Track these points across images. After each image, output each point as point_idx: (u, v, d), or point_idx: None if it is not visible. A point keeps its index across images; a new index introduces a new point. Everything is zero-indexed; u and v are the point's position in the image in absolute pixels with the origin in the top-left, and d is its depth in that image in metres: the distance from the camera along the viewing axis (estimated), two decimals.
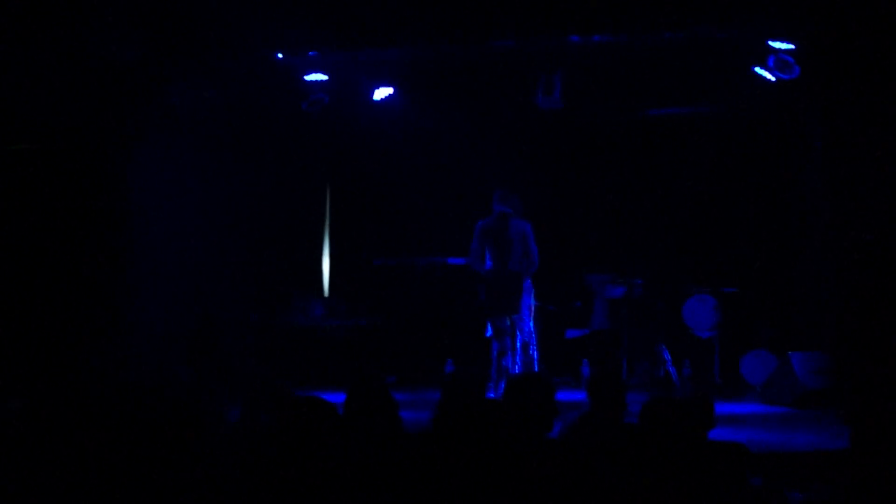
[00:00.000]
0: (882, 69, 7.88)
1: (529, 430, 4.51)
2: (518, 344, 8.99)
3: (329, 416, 2.94)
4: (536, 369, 9.09)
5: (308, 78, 10.27)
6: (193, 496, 3.38)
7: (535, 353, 9.05)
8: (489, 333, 9.14)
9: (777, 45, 9.26)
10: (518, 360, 8.96)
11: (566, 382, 10.81)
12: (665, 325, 10.52)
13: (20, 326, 8.71)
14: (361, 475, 3.38)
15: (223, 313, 10.28)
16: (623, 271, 11.07)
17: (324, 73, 10.24)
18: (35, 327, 8.69)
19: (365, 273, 11.73)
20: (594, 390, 4.87)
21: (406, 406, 4.86)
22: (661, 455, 4.06)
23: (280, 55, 9.08)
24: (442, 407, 4.59)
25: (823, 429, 7.53)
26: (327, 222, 12.14)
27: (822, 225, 9.09)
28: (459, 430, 3.52)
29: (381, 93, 10.78)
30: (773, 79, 9.64)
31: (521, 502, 3.53)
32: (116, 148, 8.97)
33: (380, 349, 11.73)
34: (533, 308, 9.35)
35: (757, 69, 9.67)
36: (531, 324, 9.13)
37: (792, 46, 9.20)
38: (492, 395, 8.71)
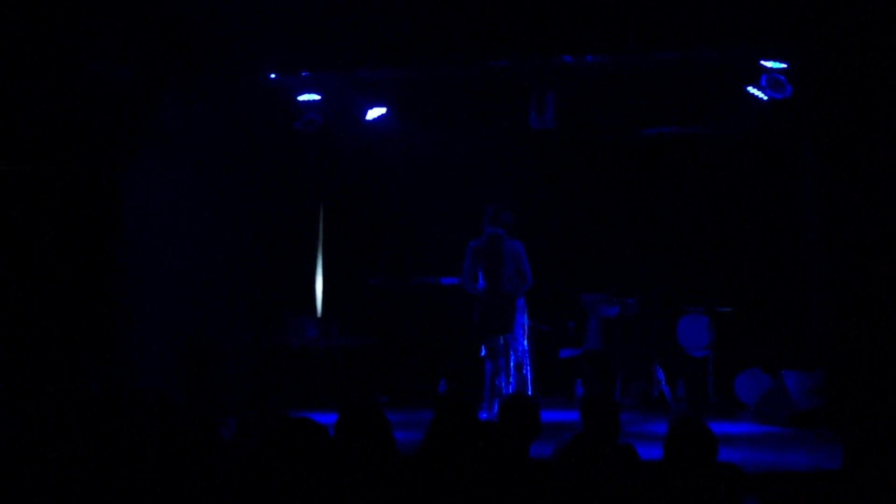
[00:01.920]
0: (874, 87, 7.90)
1: (518, 448, 4.50)
2: (511, 364, 8.97)
3: (319, 438, 2.92)
4: (530, 389, 9.06)
5: (301, 98, 10.28)
6: None
7: (529, 372, 9.03)
8: (483, 353, 9.12)
9: (769, 64, 9.29)
10: (512, 380, 8.94)
11: (559, 402, 10.79)
12: (659, 344, 10.50)
13: (13, 348, 8.67)
14: (352, 497, 3.36)
15: (216, 333, 10.25)
16: (617, 291, 11.06)
17: (317, 93, 10.24)
18: (28, 348, 8.65)
19: (358, 293, 11.71)
20: (587, 410, 4.86)
21: (398, 426, 4.84)
22: (655, 476, 4.05)
23: (273, 75, 9.09)
24: (433, 428, 4.58)
25: (817, 448, 7.51)
26: (321, 242, 12.12)
27: (815, 244, 9.09)
28: (450, 451, 3.51)
29: (374, 113, 10.80)
30: (765, 98, 9.67)
31: None
32: (109, 167, 8.95)
33: (373, 369, 11.71)
34: (527, 327, 9.33)
35: (749, 88, 9.70)
36: (525, 343, 9.11)
37: (784, 66, 9.23)
38: (485, 415, 8.69)
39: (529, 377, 8.95)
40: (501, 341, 8.82)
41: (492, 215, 8.87)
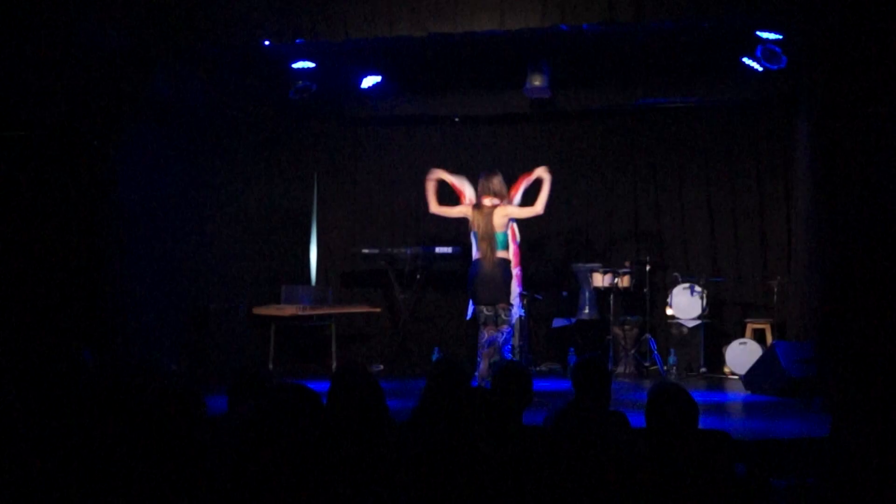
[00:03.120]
0: (871, 59, 7.88)
1: (511, 416, 4.52)
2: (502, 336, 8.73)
3: (313, 405, 2.94)
4: (509, 355, 8.81)
5: (295, 66, 10.25)
6: (181, 485, 3.38)
7: (509, 345, 8.72)
8: (469, 317, 9.08)
9: (765, 35, 9.27)
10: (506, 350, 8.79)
11: (553, 371, 10.84)
12: (651, 313, 10.55)
13: (5, 318, 8.66)
14: (345, 464, 3.39)
15: (211, 303, 10.26)
16: (610, 261, 11.10)
17: (311, 61, 10.21)
18: (21, 319, 8.64)
19: (352, 262, 11.72)
20: (579, 379, 4.88)
21: (392, 394, 4.87)
22: (645, 444, 4.08)
23: (267, 42, 9.03)
24: (426, 395, 4.61)
25: (807, 417, 7.57)
26: (315, 211, 12.12)
27: (808, 213, 9.10)
28: (443, 419, 3.53)
29: (369, 81, 10.77)
30: (760, 69, 9.66)
31: (506, 490, 3.54)
32: (102, 136, 8.91)
33: (367, 338, 11.74)
34: (519, 297, 9.29)
35: (745, 59, 9.69)
36: (521, 312, 8.90)
37: (780, 36, 9.21)
38: (477, 383, 8.69)
39: (508, 348, 8.69)
40: (491, 311, 8.60)
41: (484, 180, 8.72)
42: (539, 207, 8.67)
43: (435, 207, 8.96)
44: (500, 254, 8.39)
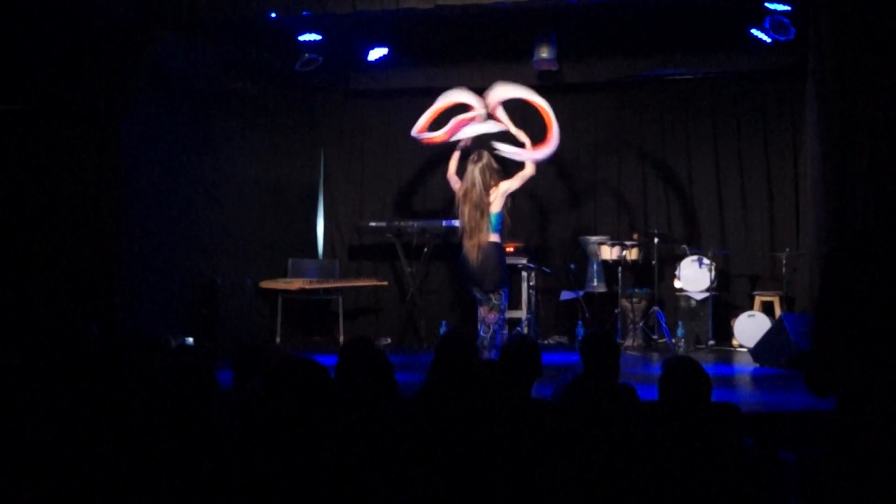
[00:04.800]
0: (880, 30, 7.82)
1: (520, 389, 4.52)
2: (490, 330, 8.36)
3: (321, 379, 2.94)
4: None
5: (302, 38, 10.21)
6: (189, 459, 3.38)
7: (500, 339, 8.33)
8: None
9: (773, 6, 9.20)
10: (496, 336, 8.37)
11: (561, 344, 10.84)
12: (659, 286, 10.52)
13: (16, 290, 8.68)
14: (353, 438, 3.39)
15: (218, 277, 10.26)
16: (618, 233, 11.06)
17: (318, 34, 10.16)
18: (29, 292, 8.66)
19: (360, 235, 11.70)
20: (587, 352, 4.87)
21: (400, 368, 4.87)
22: (655, 416, 4.07)
23: (273, 15, 8.99)
24: (435, 369, 4.61)
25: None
26: (321, 184, 12.09)
27: (817, 186, 9.06)
28: (451, 392, 3.53)
29: (376, 53, 10.72)
30: (768, 40, 9.59)
31: (515, 463, 3.54)
32: (108, 109, 8.89)
33: (375, 311, 11.74)
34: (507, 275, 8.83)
35: (753, 30, 9.62)
36: (504, 304, 8.34)
37: (788, 7, 9.15)
38: (485, 356, 8.60)
39: (501, 335, 8.32)
40: (483, 295, 8.29)
41: (472, 167, 8.36)
42: (533, 156, 8.32)
43: (451, 174, 8.63)
44: (493, 237, 8.08)
